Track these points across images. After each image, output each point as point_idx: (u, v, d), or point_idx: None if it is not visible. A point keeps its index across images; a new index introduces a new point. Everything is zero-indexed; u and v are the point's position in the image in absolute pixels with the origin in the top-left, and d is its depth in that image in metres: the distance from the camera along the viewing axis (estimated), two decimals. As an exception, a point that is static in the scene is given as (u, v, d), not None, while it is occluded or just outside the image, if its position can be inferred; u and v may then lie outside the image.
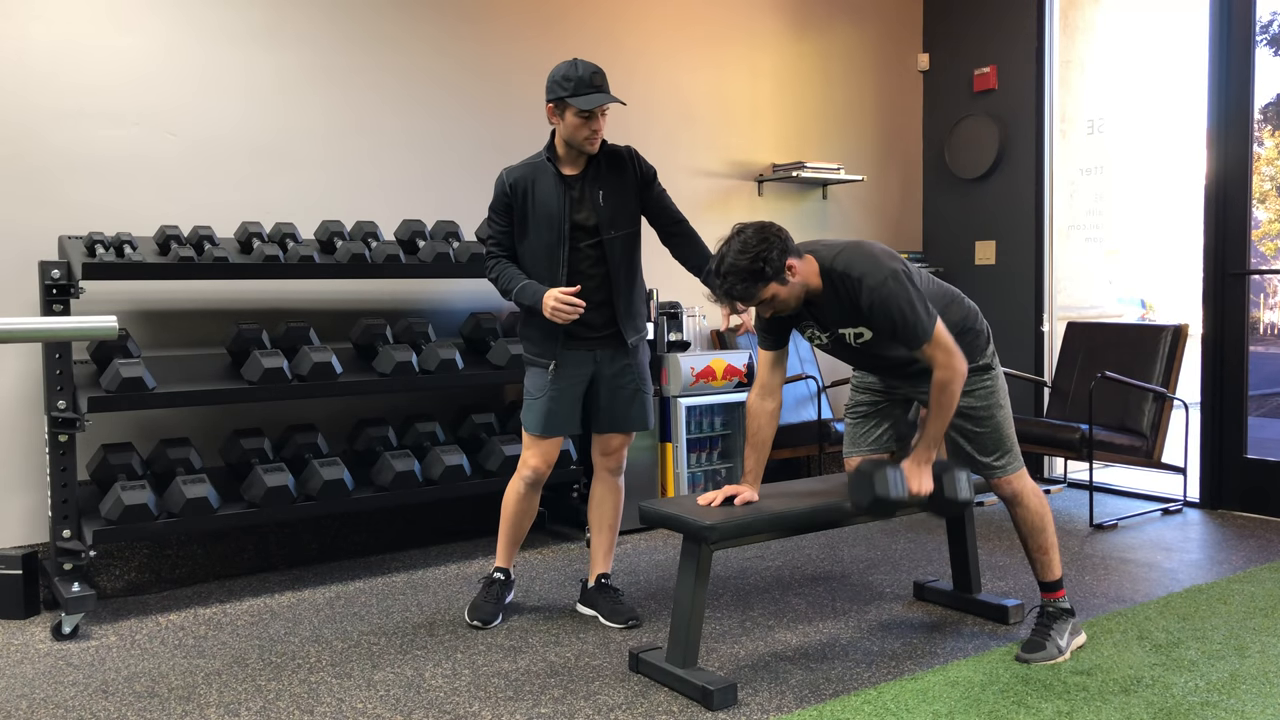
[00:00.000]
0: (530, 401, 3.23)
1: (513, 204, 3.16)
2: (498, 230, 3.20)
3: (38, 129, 3.59)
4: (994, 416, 2.91)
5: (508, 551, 3.37)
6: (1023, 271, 5.52)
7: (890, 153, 5.88)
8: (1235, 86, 4.66)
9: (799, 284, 2.69)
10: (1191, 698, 2.62)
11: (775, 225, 2.67)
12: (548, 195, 3.13)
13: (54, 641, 3.17)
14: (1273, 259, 6.15)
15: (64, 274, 3.32)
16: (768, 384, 2.90)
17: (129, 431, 3.77)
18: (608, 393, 3.25)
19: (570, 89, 3.02)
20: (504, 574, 3.37)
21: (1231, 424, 4.73)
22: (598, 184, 3.15)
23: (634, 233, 3.22)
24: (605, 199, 3.15)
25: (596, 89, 3.03)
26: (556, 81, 3.05)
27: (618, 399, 3.25)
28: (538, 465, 3.24)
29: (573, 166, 3.16)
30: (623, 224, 3.18)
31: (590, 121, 3.04)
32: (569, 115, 3.04)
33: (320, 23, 4.11)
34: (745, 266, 2.60)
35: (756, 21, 5.34)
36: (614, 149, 3.22)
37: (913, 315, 2.63)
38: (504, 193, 3.16)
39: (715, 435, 4.79)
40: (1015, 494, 2.94)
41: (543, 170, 3.15)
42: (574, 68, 3.03)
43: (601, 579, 3.37)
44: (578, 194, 3.14)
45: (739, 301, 2.67)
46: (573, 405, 3.22)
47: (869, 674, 2.82)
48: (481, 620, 3.25)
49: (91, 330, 1.57)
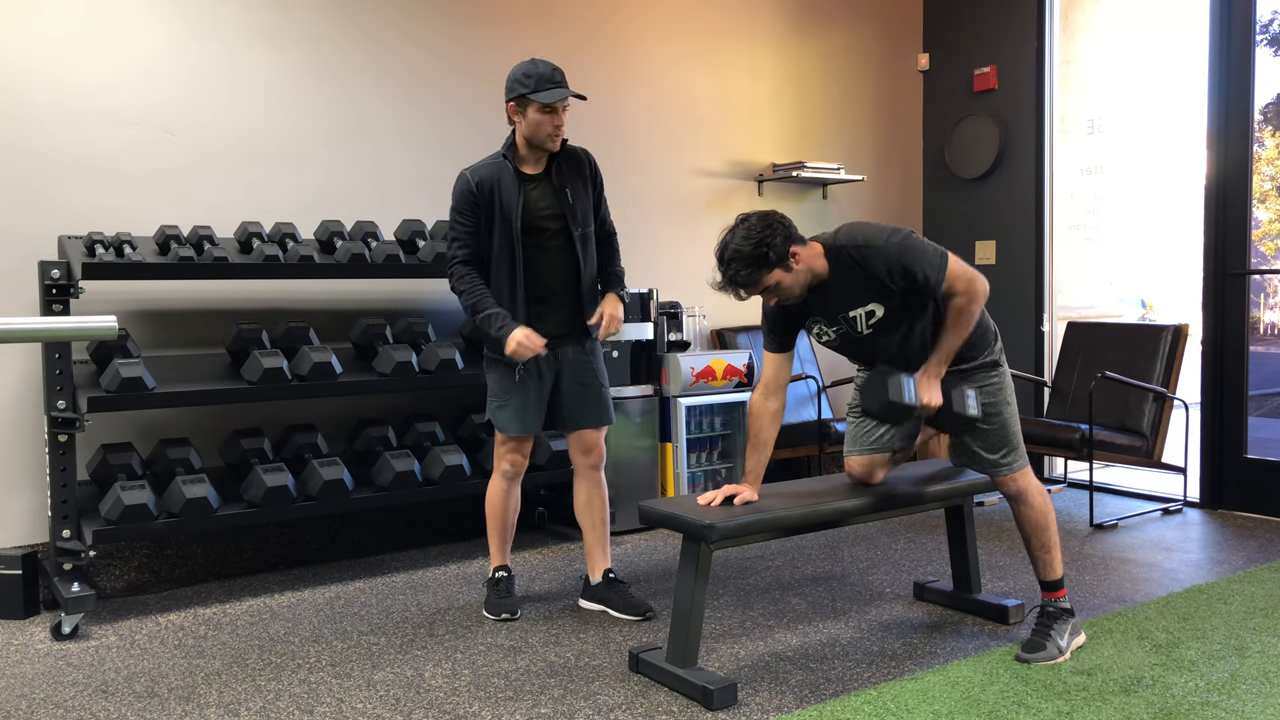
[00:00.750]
0: (501, 403, 3.27)
1: (478, 203, 3.17)
2: (463, 231, 3.18)
3: (38, 128, 3.59)
4: (1001, 414, 2.90)
5: (502, 549, 3.43)
6: (1023, 271, 5.52)
7: (890, 153, 5.88)
8: (1235, 86, 4.66)
9: (803, 270, 2.70)
10: (1191, 698, 2.62)
11: (778, 213, 2.68)
12: (510, 195, 3.15)
13: (54, 641, 3.17)
14: (1273, 259, 6.15)
15: (64, 274, 3.32)
16: (772, 384, 2.90)
17: (129, 431, 3.77)
18: (572, 390, 3.30)
19: (531, 85, 3.07)
20: (505, 570, 3.42)
21: (1231, 424, 4.73)
22: (563, 182, 3.20)
23: (593, 231, 3.30)
24: (573, 197, 3.20)
25: (557, 84, 3.07)
26: (517, 79, 3.09)
27: (583, 396, 3.30)
28: (518, 460, 3.33)
29: (533, 166, 3.20)
30: (588, 222, 3.25)
31: (553, 116, 3.09)
32: (531, 111, 3.08)
33: (320, 23, 4.11)
34: (749, 252, 2.61)
35: (757, 22, 5.34)
36: (572, 149, 3.27)
37: (925, 255, 2.69)
38: (469, 191, 3.16)
39: (715, 435, 4.79)
40: (1020, 492, 2.93)
41: (504, 169, 3.17)
42: (534, 65, 3.08)
43: (608, 574, 3.40)
44: (538, 193, 3.18)
45: (742, 288, 2.68)
46: (541, 404, 3.28)
47: (869, 674, 2.82)
48: (509, 612, 3.32)
49: (91, 330, 1.57)
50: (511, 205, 3.15)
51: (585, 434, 3.34)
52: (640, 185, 4.96)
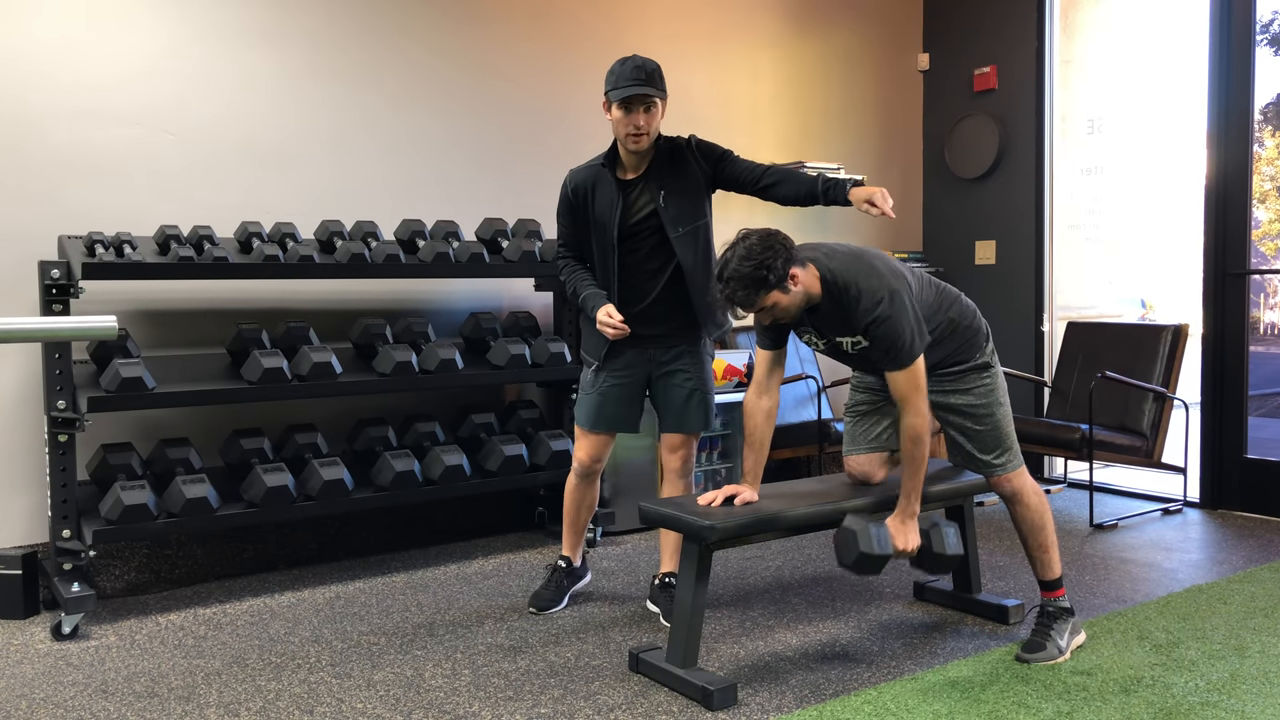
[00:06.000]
0: (581, 396, 3.31)
1: (574, 206, 3.20)
2: (564, 231, 3.28)
3: (38, 128, 3.59)
4: (994, 414, 2.91)
5: (570, 540, 3.47)
6: (1023, 271, 5.52)
7: (890, 153, 5.88)
8: (1235, 86, 4.66)
9: (800, 292, 2.70)
10: (1191, 698, 2.62)
11: (780, 233, 2.67)
12: (603, 202, 3.14)
13: (54, 641, 3.17)
14: (1273, 259, 6.15)
15: (64, 274, 3.31)
16: (764, 383, 2.90)
17: (129, 431, 3.77)
18: (664, 392, 3.26)
19: (612, 82, 3.02)
20: (566, 562, 3.46)
21: (1231, 424, 4.73)
22: (659, 184, 3.13)
23: (702, 225, 3.17)
24: (667, 198, 3.12)
25: (637, 82, 2.98)
26: (607, 76, 3.05)
27: (674, 398, 3.25)
28: (583, 458, 3.32)
29: (632, 170, 3.15)
30: (687, 220, 3.14)
31: (631, 116, 3.01)
32: (614, 110, 3.04)
33: (320, 21, 4.11)
34: (748, 274, 2.61)
35: (757, 22, 5.34)
36: (673, 142, 3.18)
37: (902, 341, 2.67)
38: (566, 196, 3.22)
39: (715, 435, 4.78)
40: (1015, 492, 2.94)
41: (601, 176, 3.15)
42: (621, 63, 3.02)
43: (667, 578, 3.36)
44: (634, 197, 3.13)
45: (740, 307, 2.68)
46: (624, 403, 3.25)
47: (869, 674, 2.82)
48: (537, 607, 3.35)
49: (91, 330, 1.57)
50: (605, 213, 3.13)
51: (670, 438, 3.29)
52: (640, 185, 4.95)
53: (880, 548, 2.69)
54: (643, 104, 3.00)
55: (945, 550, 2.80)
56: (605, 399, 3.24)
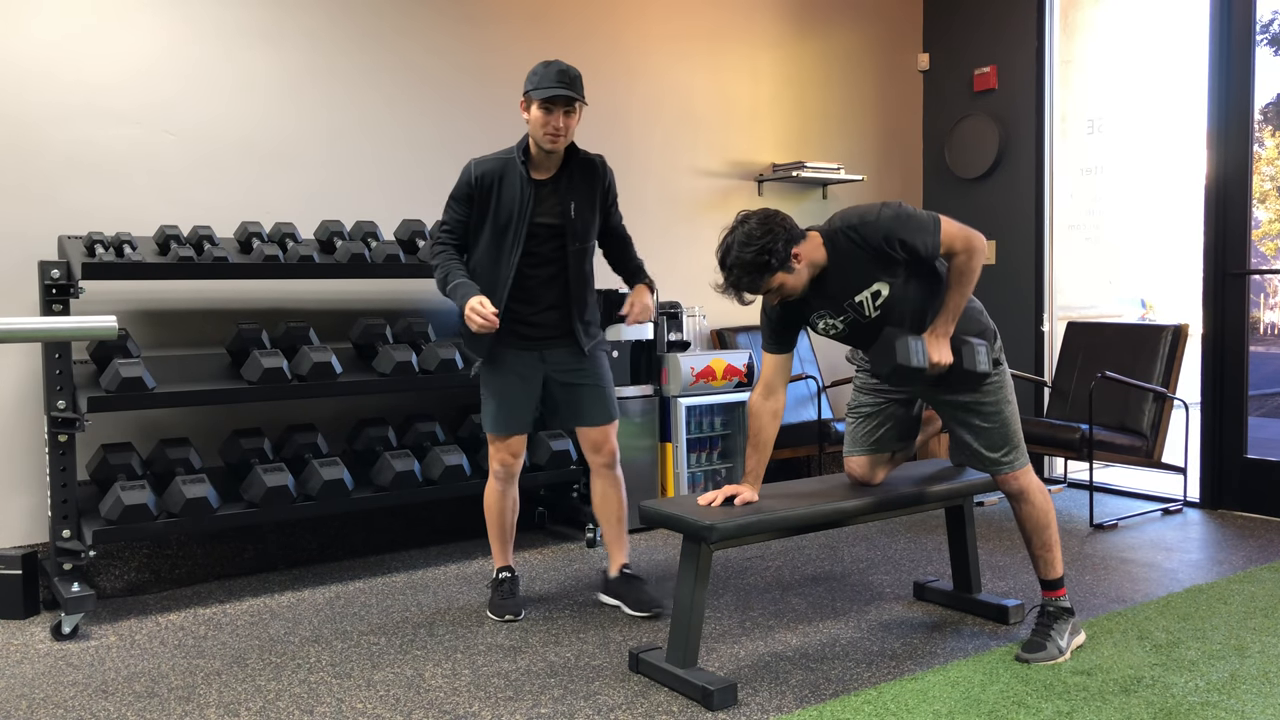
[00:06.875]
0: (486, 403, 3.30)
1: (474, 195, 3.17)
2: (454, 218, 3.22)
3: (38, 128, 3.59)
4: (1002, 412, 2.90)
5: (503, 549, 3.44)
6: (1023, 271, 5.52)
7: (890, 153, 5.88)
8: (1235, 86, 4.66)
9: (805, 266, 2.71)
10: (1191, 698, 2.62)
11: (779, 213, 2.68)
12: (512, 195, 3.14)
13: (54, 641, 3.17)
14: (1273, 259, 6.15)
15: (64, 274, 3.31)
16: (771, 384, 2.90)
17: (129, 431, 3.77)
18: (562, 391, 3.30)
19: (534, 82, 3.06)
20: (508, 571, 3.43)
21: (1231, 424, 4.73)
22: (570, 194, 3.18)
23: (591, 247, 3.28)
24: (576, 211, 3.18)
25: (561, 85, 3.03)
26: (528, 75, 3.09)
27: (574, 395, 3.30)
28: (504, 459, 3.33)
29: (544, 171, 3.18)
30: (587, 237, 3.23)
31: (551, 116, 3.05)
32: (533, 109, 3.07)
33: (320, 22, 4.11)
34: (750, 260, 2.61)
35: (757, 22, 5.34)
36: (587, 157, 3.25)
37: (917, 222, 2.72)
38: (469, 183, 3.18)
39: (715, 435, 4.79)
40: (1021, 490, 2.93)
41: (511, 168, 3.16)
42: (546, 65, 3.07)
43: (624, 569, 3.41)
44: (542, 199, 3.16)
45: (745, 293, 2.68)
46: (525, 405, 3.28)
47: (869, 674, 2.82)
48: (513, 613, 3.32)
49: (91, 330, 1.57)
50: (511, 206, 3.14)
51: (589, 432, 3.34)
52: (640, 185, 4.96)
53: (917, 360, 2.72)
54: (564, 106, 3.05)
55: (975, 366, 2.81)
56: (507, 401, 3.25)
